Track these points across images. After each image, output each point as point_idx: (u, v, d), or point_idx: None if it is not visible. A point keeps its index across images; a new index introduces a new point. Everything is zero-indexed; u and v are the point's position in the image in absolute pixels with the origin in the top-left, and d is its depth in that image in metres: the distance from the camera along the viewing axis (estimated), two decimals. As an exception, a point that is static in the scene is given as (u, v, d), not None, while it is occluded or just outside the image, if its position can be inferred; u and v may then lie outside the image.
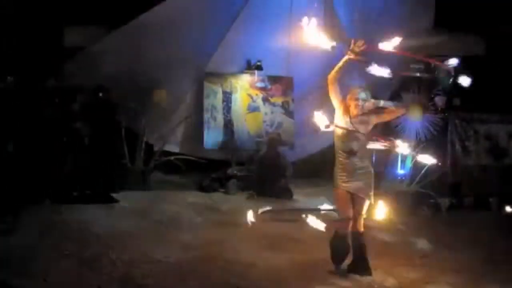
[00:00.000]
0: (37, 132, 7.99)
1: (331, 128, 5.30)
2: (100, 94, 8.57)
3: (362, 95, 5.23)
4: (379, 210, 5.86)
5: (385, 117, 5.51)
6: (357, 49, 4.98)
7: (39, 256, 5.56)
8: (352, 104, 5.25)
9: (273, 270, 5.50)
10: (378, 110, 5.51)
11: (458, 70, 5.27)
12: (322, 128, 5.30)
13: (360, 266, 5.37)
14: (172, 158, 9.60)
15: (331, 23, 9.60)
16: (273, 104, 10.21)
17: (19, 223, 6.55)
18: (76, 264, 5.41)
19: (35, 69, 8.84)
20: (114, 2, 9.25)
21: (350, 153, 5.24)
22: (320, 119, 5.27)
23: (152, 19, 8.84)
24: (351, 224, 5.33)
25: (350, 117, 5.24)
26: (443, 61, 5.25)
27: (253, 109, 10.16)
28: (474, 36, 9.99)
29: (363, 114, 5.27)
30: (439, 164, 4.62)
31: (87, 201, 7.93)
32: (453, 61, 5.15)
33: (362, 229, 5.40)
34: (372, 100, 5.36)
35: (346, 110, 5.26)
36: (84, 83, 8.66)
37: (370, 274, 5.34)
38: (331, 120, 5.30)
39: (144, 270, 5.32)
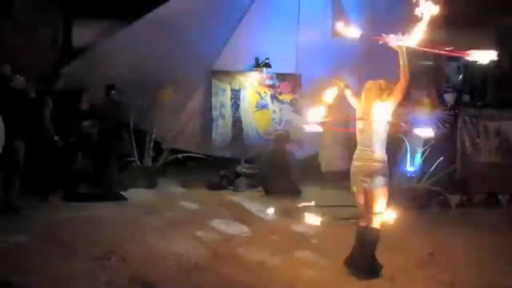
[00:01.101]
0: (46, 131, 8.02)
1: None
2: (112, 92, 8.58)
3: None
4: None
5: None
6: None
7: (47, 253, 5.58)
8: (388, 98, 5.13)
9: (283, 268, 5.47)
10: None
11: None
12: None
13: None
14: (180, 156, 9.61)
15: (339, 18, 9.59)
16: (282, 102, 10.20)
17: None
18: (85, 261, 5.43)
19: (43, 67, 8.88)
20: (122, 0, 9.28)
21: None
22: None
23: (159, 18, 8.87)
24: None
25: None
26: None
27: (261, 106, 10.15)
28: (484, 30, 9.90)
29: None
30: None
31: (96, 199, 7.97)
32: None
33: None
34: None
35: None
36: (92, 81, 8.67)
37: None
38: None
39: (153, 268, 5.33)
